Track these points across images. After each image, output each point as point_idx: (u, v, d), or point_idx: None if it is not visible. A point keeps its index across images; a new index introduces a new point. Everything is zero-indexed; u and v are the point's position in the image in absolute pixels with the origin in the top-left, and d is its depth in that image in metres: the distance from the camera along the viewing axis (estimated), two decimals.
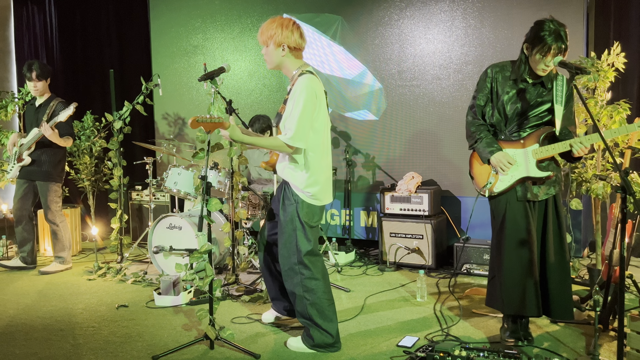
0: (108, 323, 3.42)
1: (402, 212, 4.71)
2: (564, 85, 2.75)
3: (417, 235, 4.61)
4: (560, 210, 2.82)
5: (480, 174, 2.93)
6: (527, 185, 2.80)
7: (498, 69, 2.84)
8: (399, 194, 4.72)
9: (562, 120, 2.75)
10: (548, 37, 2.59)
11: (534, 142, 2.78)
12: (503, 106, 2.81)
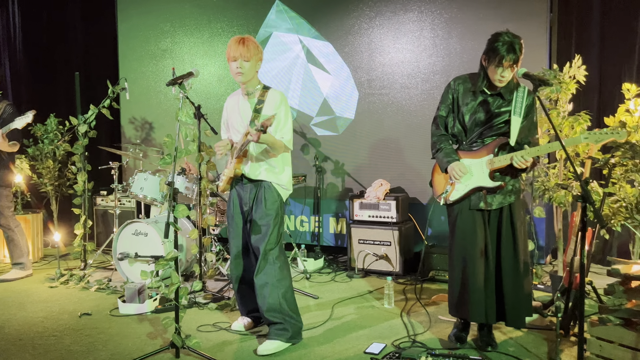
0: (70, 332, 3.32)
1: (370, 219, 4.73)
2: (524, 97, 2.79)
3: (385, 242, 4.63)
4: (515, 219, 2.84)
5: (439, 183, 3.00)
6: (481, 195, 2.84)
7: (460, 81, 2.90)
8: (368, 201, 4.73)
9: (522, 131, 2.79)
10: (501, 48, 2.64)
11: (488, 153, 2.83)
12: (463, 117, 2.87)
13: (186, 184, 4.38)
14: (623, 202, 3.85)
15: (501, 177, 2.85)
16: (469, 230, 2.85)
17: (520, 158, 2.71)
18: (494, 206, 2.84)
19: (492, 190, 2.83)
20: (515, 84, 2.82)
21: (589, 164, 3.85)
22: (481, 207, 2.85)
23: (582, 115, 4.01)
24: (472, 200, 2.87)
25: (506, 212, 2.85)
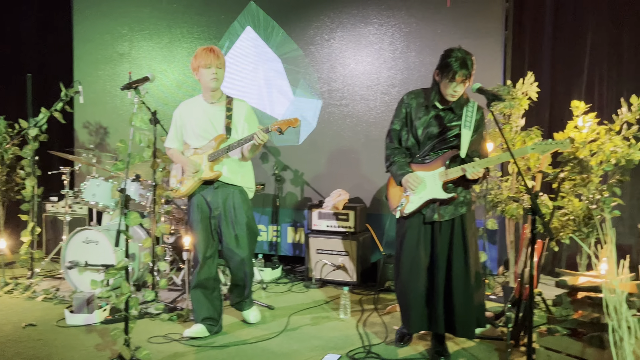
0: (13, 343, 3.18)
1: (328, 228, 4.73)
2: (474, 112, 2.86)
3: (342, 252, 4.63)
4: (467, 230, 2.88)
5: (394, 196, 3.02)
6: (434, 207, 2.88)
7: (413, 96, 2.95)
8: (327, 210, 4.74)
9: (472, 144, 2.86)
10: (454, 64, 2.71)
11: (440, 165, 2.87)
12: (416, 131, 2.91)
13: (140, 191, 4.26)
14: (571, 215, 3.96)
15: (454, 189, 2.90)
16: (414, 245, 2.90)
17: (472, 169, 2.76)
18: (446, 217, 2.88)
19: (444, 202, 2.87)
20: (465, 99, 2.89)
21: (539, 177, 3.94)
22: (435, 219, 2.88)
23: (534, 131, 4.12)
24: (427, 213, 2.90)
25: (458, 223, 2.89)
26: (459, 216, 2.89)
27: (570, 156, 3.93)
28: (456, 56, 2.72)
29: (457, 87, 2.76)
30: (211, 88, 3.16)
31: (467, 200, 2.94)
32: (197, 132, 3.20)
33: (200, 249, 3.23)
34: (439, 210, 2.88)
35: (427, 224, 2.91)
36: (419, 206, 2.90)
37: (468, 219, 2.91)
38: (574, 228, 3.95)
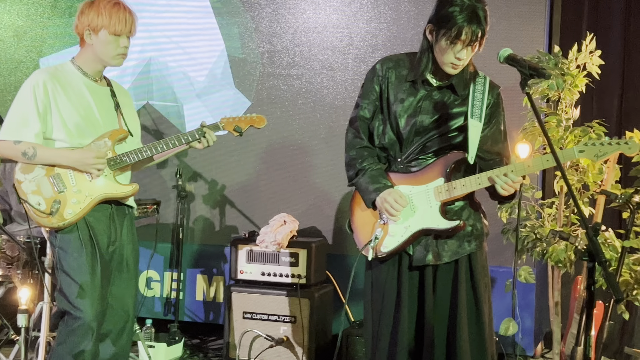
0: None
1: (265, 278, 4.72)
2: (485, 92, 2.90)
3: (286, 318, 4.61)
4: (478, 279, 2.93)
5: (363, 225, 3.03)
6: (427, 242, 2.91)
7: (392, 65, 2.97)
8: (262, 248, 4.71)
9: (484, 142, 2.91)
10: (459, 16, 2.72)
11: (437, 176, 2.89)
12: (396, 121, 2.93)
13: None
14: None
15: (458, 213, 2.93)
16: (393, 306, 2.93)
17: (503, 178, 2.77)
18: (445, 259, 2.90)
19: (443, 235, 2.89)
20: (471, 73, 2.93)
21: (602, 202, 3.95)
22: (428, 262, 2.89)
23: (595, 126, 4.13)
24: (416, 253, 2.92)
25: (464, 267, 2.91)
26: (465, 256, 2.92)
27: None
28: (461, 3, 2.74)
29: (462, 53, 2.78)
30: (113, 64, 3.33)
31: (478, 231, 2.97)
32: (75, 121, 3.26)
33: (89, 314, 3.21)
34: (434, 247, 2.90)
35: (416, 270, 2.92)
36: (404, 241, 2.90)
37: (479, 261, 2.94)
38: None
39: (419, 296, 2.93)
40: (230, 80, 5.36)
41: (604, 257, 2.36)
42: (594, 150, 2.78)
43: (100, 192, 3.23)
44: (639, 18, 4.94)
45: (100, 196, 3.24)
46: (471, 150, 2.86)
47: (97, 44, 3.25)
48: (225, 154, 5.33)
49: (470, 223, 2.94)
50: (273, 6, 5.24)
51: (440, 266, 2.91)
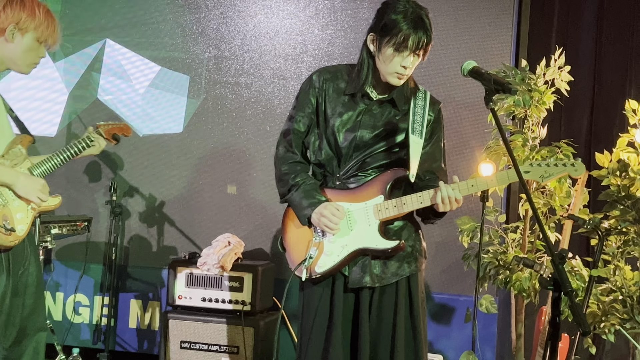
0: None
1: (205, 304, 4.69)
2: (425, 107, 2.94)
3: (228, 348, 4.58)
4: (417, 300, 2.94)
5: (297, 244, 3.03)
6: (365, 263, 2.92)
7: (329, 76, 3.01)
8: (203, 271, 4.69)
9: (423, 159, 2.94)
10: (403, 22, 2.76)
11: (377, 193, 2.91)
12: (334, 135, 2.96)
13: None
14: (620, 293, 3.98)
15: (397, 233, 2.95)
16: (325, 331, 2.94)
17: (450, 192, 2.80)
18: (384, 281, 2.92)
19: (382, 255, 2.90)
20: (411, 87, 2.97)
21: (569, 227, 3.96)
22: (366, 284, 2.90)
23: (563, 147, 4.15)
24: (352, 275, 2.92)
25: (403, 289, 2.93)
26: (404, 278, 2.94)
27: (620, 193, 3.97)
28: (405, 9, 2.79)
29: (407, 61, 2.82)
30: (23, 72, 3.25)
31: (418, 252, 3.00)
32: None
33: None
34: (372, 268, 2.91)
35: (352, 292, 2.93)
36: (341, 261, 2.91)
37: (418, 283, 2.96)
38: (624, 316, 3.96)
39: (354, 318, 2.94)
40: (174, 87, 5.31)
41: (570, 287, 2.35)
42: (540, 171, 2.82)
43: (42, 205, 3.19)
44: (610, 32, 4.97)
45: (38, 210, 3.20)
46: (412, 168, 2.89)
47: (18, 47, 3.13)
48: (165, 167, 5.30)
49: (410, 244, 2.97)
50: (221, 8, 5.22)
51: (378, 288, 2.92)
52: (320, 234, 2.94)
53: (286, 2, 5.12)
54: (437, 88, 4.78)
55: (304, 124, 3.01)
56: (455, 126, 4.82)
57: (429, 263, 4.72)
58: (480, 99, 2.77)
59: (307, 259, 2.92)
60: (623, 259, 4.04)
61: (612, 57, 4.98)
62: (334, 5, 5.04)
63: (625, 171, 3.94)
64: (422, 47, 2.79)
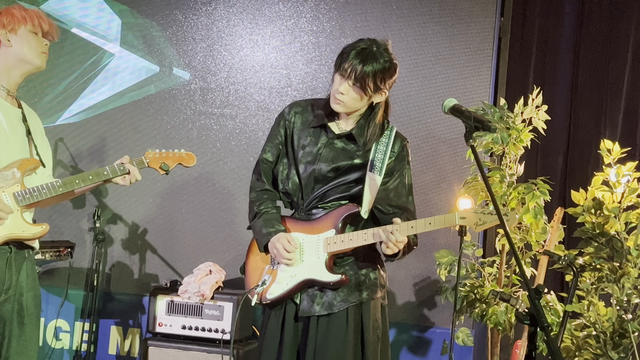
0: None
1: (185, 332, 4.66)
2: (389, 144, 2.98)
3: None
4: (368, 328, 2.93)
5: (255, 269, 3.09)
6: (315, 292, 2.96)
7: (299, 110, 3.07)
8: (184, 299, 4.66)
9: (385, 195, 2.98)
10: (352, 52, 2.84)
11: (329, 227, 2.95)
12: (297, 167, 3.02)
13: None
14: (593, 329, 3.97)
15: (349, 264, 2.97)
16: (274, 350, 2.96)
17: (390, 235, 2.80)
18: (334, 308, 2.93)
19: (327, 287, 2.94)
20: (377, 123, 2.99)
21: (544, 262, 3.96)
22: (315, 313, 2.93)
23: (539, 184, 4.16)
24: (302, 303, 2.96)
25: (352, 315, 2.92)
26: (356, 306, 2.93)
27: (594, 230, 3.98)
28: (359, 42, 2.88)
29: (342, 86, 2.85)
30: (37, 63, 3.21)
31: (371, 282, 2.98)
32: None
33: None
34: (320, 297, 2.95)
35: (302, 321, 2.96)
36: (289, 290, 2.94)
37: (371, 311, 2.94)
38: (597, 352, 3.95)
39: (304, 346, 2.95)
40: (159, 117, 5.30)
41: (546, 322, 2.34)
42: (475, 218, 2.85)
43: (6, 233, 3.00)
44: (586, 73, 5.02)
45: (5, 237, 3.01)
46: (365, 205, 2.93)
47: (17, 44, 3.14)
48: (148, 195, 5.27)
49: (363, 273, 2.98)
50: (208, 41, 5.24)
51: (326, 316, 2.93)
52: (275, 261, 2.99)
53: (272, 36, 5.14)
54: (417, 124, 4.83)
55: (273, 154, 3.07)
56: (434, 161, 4.83)
57: (405, 295, 4.82)
58: (458, 135, 2.76)
59: (260, 284, 2.98)
60: (597, 295, 4.02)
61: (587, 98, 5.03)
62: (319, 41, 5.06)
63: (599, 209, 3.95)
64: (356, 78, 2.81)
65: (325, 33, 5.05)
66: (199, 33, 5.24)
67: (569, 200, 4.37)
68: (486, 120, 2.61)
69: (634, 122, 4.92)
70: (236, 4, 5.19)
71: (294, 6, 5.10)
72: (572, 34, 5.05)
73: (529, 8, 5.14)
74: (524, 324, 2.40)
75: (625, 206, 3.98)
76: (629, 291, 3.93)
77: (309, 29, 5.07)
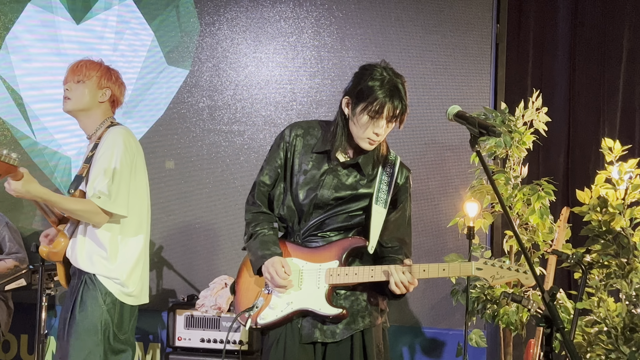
0: None
1: (204, 344, 4.63)
2: (393, 175, 2.89)
3: None
4: (372, 357, 2.87)
5: (247, 290, 2.97)
6: (314, 320, 2.86)
7: (300, 132, 2.96)
8: (202, 313, 4.64)
9: (386, 227, 2.90)
10: (379, 90, 2.71)
11: (333, 258, 2.84)
12: (297, 192, 2.91)
13: None
14: (604, 324, 3.94)
15: (344, 298, 2.87)
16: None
17: (401, 275, 2.73)
18: (337, 336, 2.85)
19: (323, 320, 2.84)
20: (382, 154, 2.91)
21: (553, 262, 3.93)
22: (316, 339, 2.84)
23: (544, 185, 4.14)
24: (304, 329, 2.86)
25: (357, 343, 2.85)
26: (359, 333, 2.86)
27: (601, 228, 3.95)
28: (382, 77, 2.75)
29: (380, 129, 2.78)
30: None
31: (372, 306, 2.91)
32: None
33: None
34: (322, 325, 2.86)
35: (307, 345, 2.86)
36: (283, 317, 2.85)
37: (374, 338, 2.88)
38: (609, 347, 3.92)
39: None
40: (170, 136, 5.28)
41: (562, 324, 2.32)
42: (492, 271, 2.77)
43: None
44: (583, 74, 4.99)
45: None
46: (372, 239, 2.85)
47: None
48: (163, 212, 5.23)
49: (362, 300, 2.89)
50: (213, 61, 5.22)
51: (332, 343, 2.86)
52: (270, 286, 2.88)
53: (275, 53, 5.12)
54: (421, 131, 4.79)
55: (270, 177, 2.97)
56: (439, 167, 4.79)
57: (418, 299, 4.76)
58: (462, 140, 2.72)
59: (252, 307, 2.88)
60: (606, 291, 4.00)
61: (585, 98, 4.99)
62: (321, 55, 5.04)
63: (605, 207, 3.93)
64: (397, 116, 2.76)
65: (327, 47, 5.03)
66: (205, 53, 5.23)
67: (572, 199, 4.36)
68: (491, 126, 2.57)
69: (631, 120, 4.88)
70: (239, 24, 5.18)
71: (295, 22, 5.09)
72: (567, 37, 5.01)
73: (523, 14, 5.10)
74: (540, 326, 2.37)
75: (629, 202, 3.97)
76: (637, 286, 3.93)
77: (310, 44, 5.06)
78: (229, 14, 5.19)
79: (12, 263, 4.59)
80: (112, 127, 3.47)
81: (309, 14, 5.05)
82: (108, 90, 3.49)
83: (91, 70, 3.46)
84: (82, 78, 3.43)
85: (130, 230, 3.38)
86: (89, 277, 3.30)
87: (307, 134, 2.94)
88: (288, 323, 2.86)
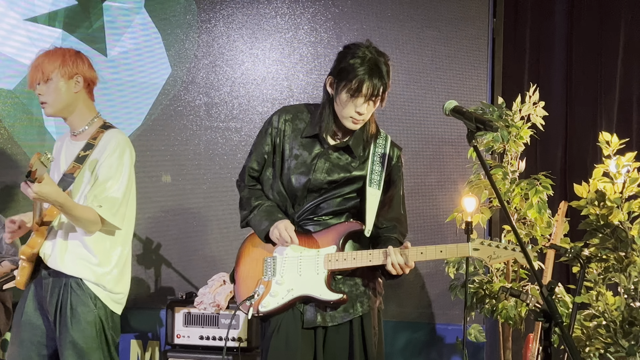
0: None
1: (203, 342, 4.63)
2: (385, 155, 2.88)
3: None
4: (370, 338, 2.88)
5: (246, 278, 2.94)
6: (317, 303, 2.86)
7: (289, 117, 2.94)
8: (200, 310, 4.62)
9: (380, 207, 2.88)
10: (359, 68, 2.71)
11: (330, 243, 2.84)
12: (289, 177, 2.89)
13: None
14: (603, 318, 3.92)
15: (343, 284, 2.87)
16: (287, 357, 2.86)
17: (398, 256, 2.73)
18: (337, 320, 2.86)
19: (324, 305, 2.84)
20: (372, 133, 2.90)
21: (551, 256, 3.92)
22: (319, 324, 2.85)
23: (542, 179, 4.14)
24: (306, 315, 2.86)
25: (357, 328, 2.86)
26: (358, 317, 2.87)
27: (599, 222, 3.93)
28: (364, 55, 2.74)
29: (362, 107, 2.76)
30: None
31: (370, 290, 2.91)
32: None
33: None
34: (323, 309, 2.86)
35: (309, 330, 2.87)
36: (284, 304, 2.84)
37: (371, 322, 2.89)
38: (607, 340, 3.90)
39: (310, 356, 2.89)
40: (167, 133, 5.29)
41: (560, 318, 2.31)
42: (489, 251, 2.77)
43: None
44: (580, 69, 4.99)
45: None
46: (368, 222, 2.85)
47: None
48: (160, 210, 5.25)
49: (361, 284, 2.89)
50: (210, 58, 5.23)
51: (332, 327, 2.87)
52: (270, 273, 2.87)
53: (272, 50, 5.14)
54: (418, 127, 4.80)
55: (259, 163, 2.95)
56: (437, 162, 4.81)
57: (416, 294, 4.75)
58: (459, 135, 2.70)
59: (253, 295, 2.85)
60: (604, 285, 3.99)
61: (582, 92, 4.98)
62: (317, 52, 5.05)
63: (603, 201, 3.92)
64: (377, 95, 2.74)
65: (323, 43, 5.04)
66: (201, 50, 5.24)
67: (570, 193, 4.35)
68: (488, 121, 2.57)
69: (628, 114, 4.87)
70: (235, 20, 5.19)
71: (291, 19, 5.09)
72: (563, 31, 5.01)
73: (520, 8, 5.09)
74: (538, 321, 2.36)
75: (627, 196, 3.96)
76: (635, 279, 3.92)
77: (307, 40, 5.07)
78: (225, 11, 5.20)
79: (9, 267, 4.54)
80: (111, 131, 3.31)
81: (305, 10, 5.05)
82: (79, 76, 3.25)
83: (53, 63, 3.22)
84: (48, 75, 3.21)
85: (119, 239, 3.26)
86: (75, 282, 3.15)
87: (295, 119, 2.93)
88: (290, 309, 2.86)
